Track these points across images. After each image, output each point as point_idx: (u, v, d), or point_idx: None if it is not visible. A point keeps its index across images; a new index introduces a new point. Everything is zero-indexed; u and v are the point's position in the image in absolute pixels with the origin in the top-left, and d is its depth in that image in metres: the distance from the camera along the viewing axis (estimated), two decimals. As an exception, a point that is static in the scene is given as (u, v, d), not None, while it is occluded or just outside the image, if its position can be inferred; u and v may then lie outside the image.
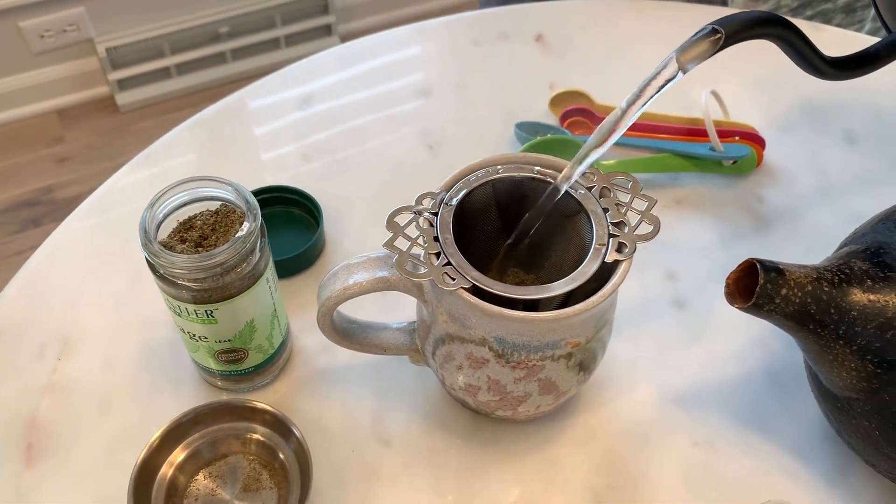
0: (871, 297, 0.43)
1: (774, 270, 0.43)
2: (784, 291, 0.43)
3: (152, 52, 1.70)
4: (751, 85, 0.72)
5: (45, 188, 1.67)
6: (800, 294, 0.43)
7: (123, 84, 1.72)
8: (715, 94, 0.65)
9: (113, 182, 0.67)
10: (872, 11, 0.87)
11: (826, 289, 0.44)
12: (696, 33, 0.42)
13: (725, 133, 0.65)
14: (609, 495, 0.50)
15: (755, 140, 0.65)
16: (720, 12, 0.79)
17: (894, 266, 0.44)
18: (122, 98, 1.73)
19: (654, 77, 0.42)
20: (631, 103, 0.42)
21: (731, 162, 0.64)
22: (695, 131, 0.65)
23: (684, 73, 0.41)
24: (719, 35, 0.41)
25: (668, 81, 0.41)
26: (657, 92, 0.42)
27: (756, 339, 0.56)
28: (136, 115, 1.76)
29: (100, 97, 1.77)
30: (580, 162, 0.44)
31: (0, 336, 0.57)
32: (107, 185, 0.67)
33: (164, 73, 1.73)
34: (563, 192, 0.45)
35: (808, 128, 0.69)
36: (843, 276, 0.44)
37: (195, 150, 0.69)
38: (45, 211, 1.64)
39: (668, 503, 0.50)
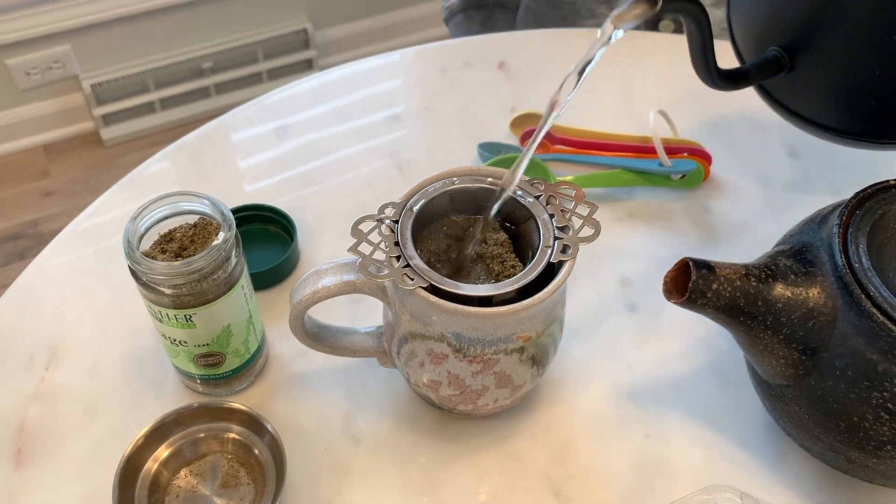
0: (795, 290, 0.47)
1: (706, 267, 0.48)
2: (715, 286, 0.47)
3: (137, 88, 1.74)
4: (698, 105, 0.77)
5: (30, 222, 1.69)
6: (729, 289, 0.47)
7: (108, 119, 1.76)
8: (663, 113, 0.70)
9: (98, 204, 0.71)
10: None
11: (753, 283, 0.48)
12: None
13: (674, 150, 0.70)
14: (566, 485, 0.53)
15: (702, 156, 0.70)
16: (673, 39, 0.84)
17: (815, 262, 0.48)
18: (107, 133, 1.77)
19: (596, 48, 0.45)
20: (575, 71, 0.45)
21: (679, 176, 0.69)
22: (644, 149, 0.70)
23: (622, 31, 0.44)
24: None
25: (606, 42, 0.44)
26: (598, 51, 0.44)
27: (703, 338, 0.60)
28: (121, 149, 1.79)
29: (85, 132, 1.81)
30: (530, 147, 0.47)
31: (-9, 348, 0.60)
32: (92, 208, 0.71)
33: (148, 108, 1.77)
34: (513, 185, 0.48)
35: (753, 143, 0.74)
36: (769, 272, 0.48)
37: (176, 173, 0.73)
38: (31, 244, 1.67)
39: (622, 491, 0.53)
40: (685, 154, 0.70)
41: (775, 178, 0.71)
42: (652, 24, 0.89)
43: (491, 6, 1.00)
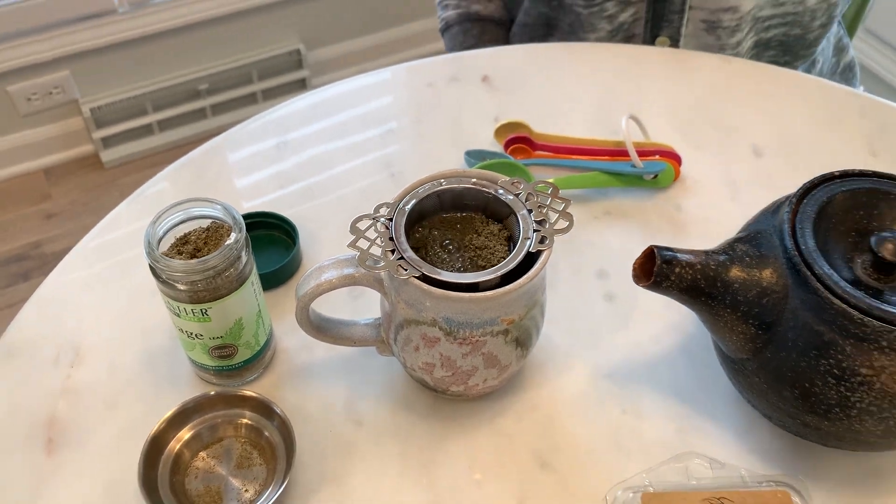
0: (750, 271, 0.53)
1: (669, 254, 0.53)
2: (678, 270, 0.53)
3: (135, 110, 1.79)
4: (669, 110, 0.83)
5: (33, 243, 1.74)
6: (690, 272, 0.53)
7: (108, 142, 1.81)
8: (634, 118, 0.76)
9: (111, 217, 0.76)
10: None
11: (713, 267, 0.53)
12: None
13: (646, 152, 0.75)
14: (551, 457, 0.58)
15: (672, 157, 0.75)
16: (644, 50, 0.90)
17: (768, 247, 0.54)
18: (107, 155, 1.81)
19: None
20: None
21: (651, 176, 0.74)
22: (618, 152, 0.75)
23: None
24: None
25: None
26: None
27: (674, 323, 0.66)
28: (121, 170, 1.84)
29: (85, 155, 1.85)
30: None
31: (20, 350, 0.65)
32: (106, 221, 0.76)
33: (146, 130, 1.82)
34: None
35: (720, 144, 0.80)
36: (727, 257, 0.54)
37: (182, 187, 0.78)
38: (34, 265, 1.71)
39: (602, 460, 0.58)
40: (657, 156, 0.75)
41: (741, 177, 0.77)
42: (649, 40, 0.93)
43: (485, 20, 1.05)
